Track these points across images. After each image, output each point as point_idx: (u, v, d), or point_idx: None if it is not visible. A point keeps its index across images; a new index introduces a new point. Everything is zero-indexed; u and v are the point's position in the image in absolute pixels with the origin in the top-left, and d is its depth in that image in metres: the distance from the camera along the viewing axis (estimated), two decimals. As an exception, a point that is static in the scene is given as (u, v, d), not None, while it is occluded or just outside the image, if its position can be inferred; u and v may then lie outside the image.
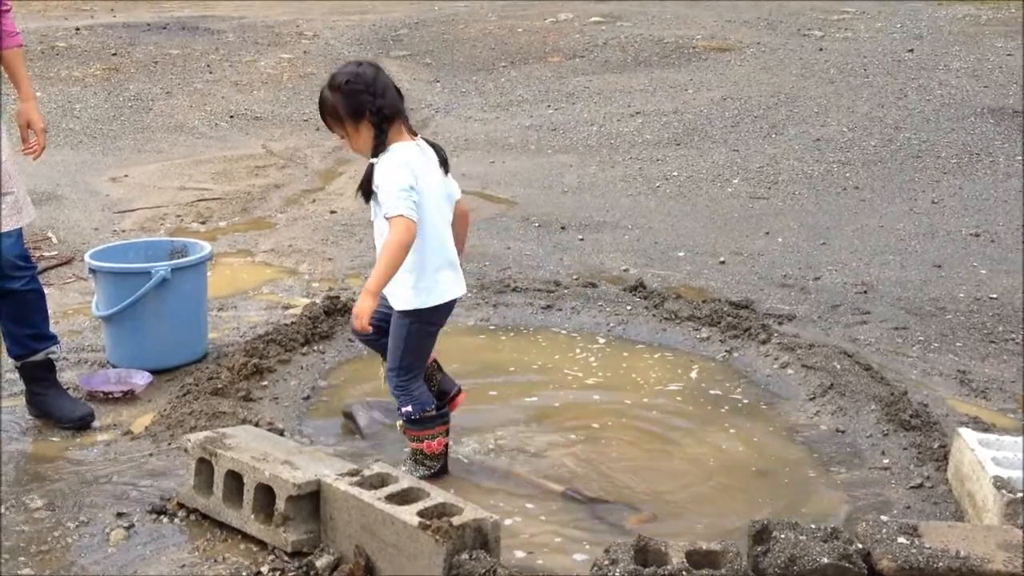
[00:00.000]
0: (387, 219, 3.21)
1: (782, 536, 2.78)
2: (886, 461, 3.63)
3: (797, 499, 3.45)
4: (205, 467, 3.22)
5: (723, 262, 5.91)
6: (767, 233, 6.45)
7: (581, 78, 11.13)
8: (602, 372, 4.45)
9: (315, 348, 4.54)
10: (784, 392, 4.25)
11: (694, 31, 13.01)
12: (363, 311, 3.18)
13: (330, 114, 3.37)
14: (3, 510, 3.26)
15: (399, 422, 3.54)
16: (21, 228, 3.79)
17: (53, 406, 3.88)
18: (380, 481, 3.02)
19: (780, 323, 4.92)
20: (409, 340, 3.42)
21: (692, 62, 11.59)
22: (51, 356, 3.96)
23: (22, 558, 3.02)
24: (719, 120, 9.29)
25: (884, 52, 11.39)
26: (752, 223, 6.68)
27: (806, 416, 4.04)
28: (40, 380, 3.90)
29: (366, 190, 3.32)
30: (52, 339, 3.94)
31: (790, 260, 5.94)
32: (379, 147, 3.31)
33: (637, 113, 9.67)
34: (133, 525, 3.18)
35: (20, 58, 3.94)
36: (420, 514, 2.82)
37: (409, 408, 3.44)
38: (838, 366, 4.29)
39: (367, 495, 2.92)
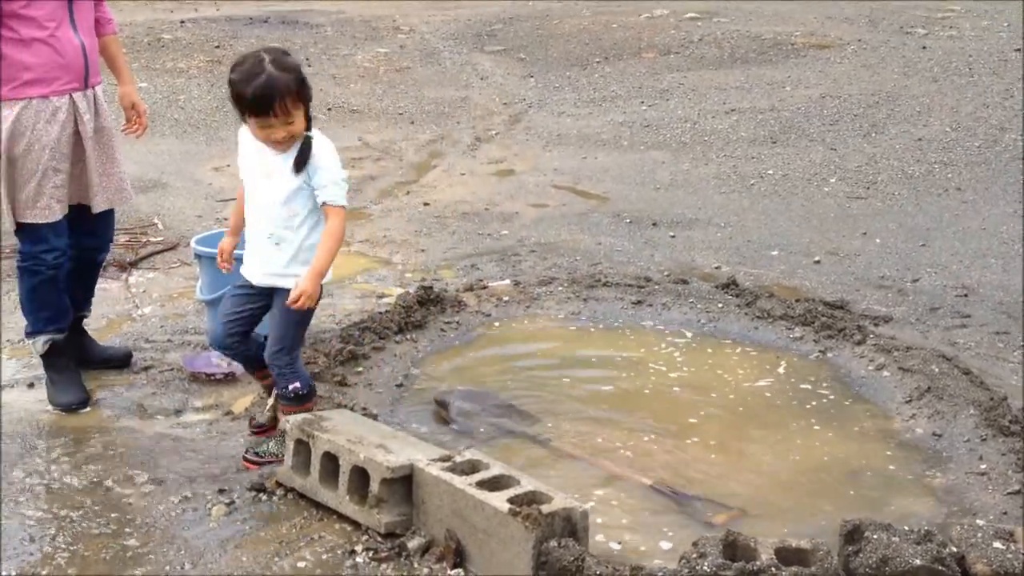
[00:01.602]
0: (331, 205, 3.37)
1: (874, 537, 2.76)
2: (983, 466, 3.56)
3: (890, 501, 3.41)
4: (303, 448, 3.31)
5: (818, 262, 5.84)
6: (864, 233, 6.34)
7: (675, 74, 11.07)
8: (688, 367, 4.44)
9: (408, 336, 4.62)
10: (879, 394, 4.19)
11: (792, 27, 12.81)
12: (316, 292, 3.31)
13: (290, 96, 3.25)
14: (110, 483, 3.40)
15: (274, 402, 3.61)
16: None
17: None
18: (471, 467, 3.07)
19: (876, 324, 4.84)
20: (305, 319, 3.49)
21: (790, 59, 11.42)
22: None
23: (128, 529, 3.15)
24: (817, 118, 9.15)
25: (990, 51, 11.07)
26: (849, 223, 6.57)
27: (901, 419, 3.98)
28: (79, 331, 4.25)
29: (301, 164, 3.35)
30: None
31: (888, 261, 5.84)
32: (310, 124, 3.37)
33: (732, 110, 9.57)
34: (234, 502, 3.29)
35: (117, 44, 4.24)
36: (510, 501, 2.86)
37: (298, 384, 3.47)
38: (936, 369, 4.21)
39: (459, 480, 2.97)
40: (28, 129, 3.75)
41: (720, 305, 5.04)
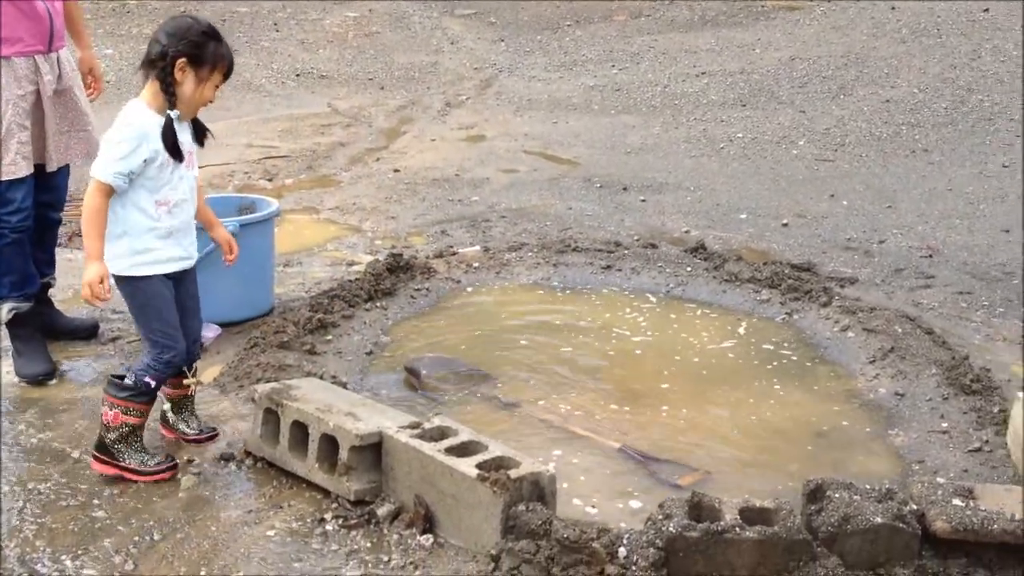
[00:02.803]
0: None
1: (836, 495, 2.80)
2: (945, 425, 3.61)
3: (852, 460, 3.46)
4: (271, 417, 3.32)
5: (786, 224, 5.88)
6: (832, 196, 6.39)
7: (646, 37, 11.05)
8: (655, 330, 4.47)
9: (378, 304, 4.62)
10: (844, 355, 4.24)
11: (763, -11, 12.79)
12: None
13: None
14: (77, 455, 3.39)
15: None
16: (68, 167, 4.16)
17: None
18: (440, 434, 3.08)
19: (842, 286, 4.89)
20: None
21: (760, 21, 11.42)
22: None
23: (96, 501, 3.15)
24: (786, 80, 9.17)
25: (958, 11, 11.10)
26: (817, 185, 6.62)
27: (865, 379, 4.03)
28: (46, 301, 4.24)
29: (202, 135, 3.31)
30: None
31: (855, 223, 5.89)
32: None
33: (703, 73, 9.58)
34: (202, 472, 3.30)
35: (79, 10, 4.31)
36: (479, 466, 2.88)
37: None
38: (899, 330, 4.26)
39: (427, 447, 2.99)
40: None
41: (689, 269, 5.06)
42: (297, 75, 9.98)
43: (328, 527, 3.00)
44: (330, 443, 3.15)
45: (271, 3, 12.69)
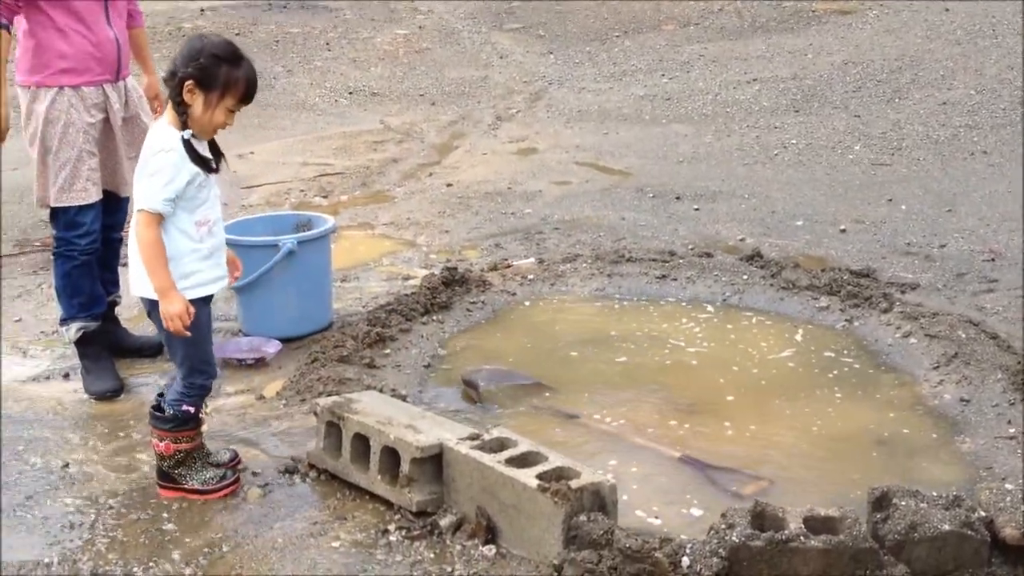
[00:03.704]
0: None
1: (902, 503, 2.77)
2: (1012, 430, 3.55)
3: (918, 468, 3.41)
4: (333, 430, 3.36)
5: (844, 230, 5.82)
6: (890, 200, 6.31)
7: (696, 46, 11.01)
8: (714, 340, 4.45)
9: (434, 318, 4.65)
10: (906, 361, 4.18)
11: (813, -6, 12.70)
12: None
13: None
14: (146, 469, 3.46)
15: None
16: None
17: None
18: (500, 445, 3.10)
19: (903, 292, 4.83)
20: None
21: (811, 26, 11.33)
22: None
23: (165, 514, 3.21)
24: (840, 85, 9.09)
25: (1014, 11, 10.91)
26: (874, 190, 6.54)
27: (929, 386, 3.97)
28: (112, 319, 4.35)
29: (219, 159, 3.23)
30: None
31: (914, 228, 5.82)
32: None
33: (754, 80, 9.53)
34: (268, 484, 3.35)
35: (145, 36, 4.40)
36: (539, 477, 2.89)
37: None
38: (963, 335, 4.20)
39: (487, 458, 3.01)
40: (63, 114, 3.87)
41: (745, 277, 5.04)
42: (350, 93, 10.09)
43: (392, 538, 3.03)
44: (391, 455, 3.18)
45: (323, 23, 12.85)
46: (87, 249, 4.01)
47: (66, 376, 4.23)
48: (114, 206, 4.17)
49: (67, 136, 3.89)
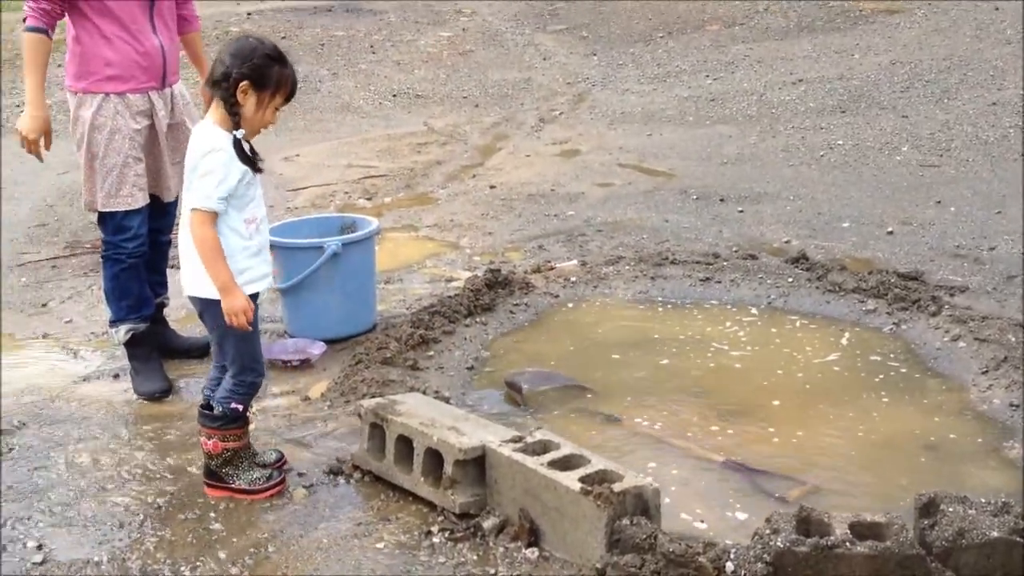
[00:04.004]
0: None
1: (950, 509, 2.73)
2: (1064, 437, 3.50)
3: (966, 474, 3.37)
4: (377, 432, 3.38)
5: (891, 232, 5.76)
6: (938, 202, 6.23)
7: (741, 46, 10.94)
8: (758, 342, 4.42)
9: (477, 320, 4.67)
10: (955, 366, 4.13)
11: (860, -6, 12.57)
12: None
13: None
14: (193, 469, 3.50)
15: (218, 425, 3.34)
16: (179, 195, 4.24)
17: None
18: (542, 448, 3.10)
19: (952, 295, 4.77)
20: None
21: (858, 25, 11.22)
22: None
23: (212, 514, 3.25)
24: (887, 85, 8.99)
25: (1068, 9, 10.76)
26: (922, 192, 6.46)
27: (978, 390, 3.92)
28: (161, 321, 4.40)
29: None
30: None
31: (963, 230, 5.74)
32: None
33: (800, 80, 9.45)
34: (313, 484, 3.38)
35: (200, 40, 4.42)
36: (582, 480, 2.89)
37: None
38: (1013, 339, 4.14)
39: (530, 461, 3.01)
40: (108, 121, 3.92)
41: (790, 280, 5.00)
42: (394, 95, 10.15)
43: (435, 539, 3.05)
44: (435, 457, 3.19)
45: (367, 26, 12.94)
46: (135, 252, 4.07)
47: (116, 377, 4.30)
48: (160, 211, 4.22)
49: (113, 142, 3.94)
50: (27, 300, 5.26)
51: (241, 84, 3.09)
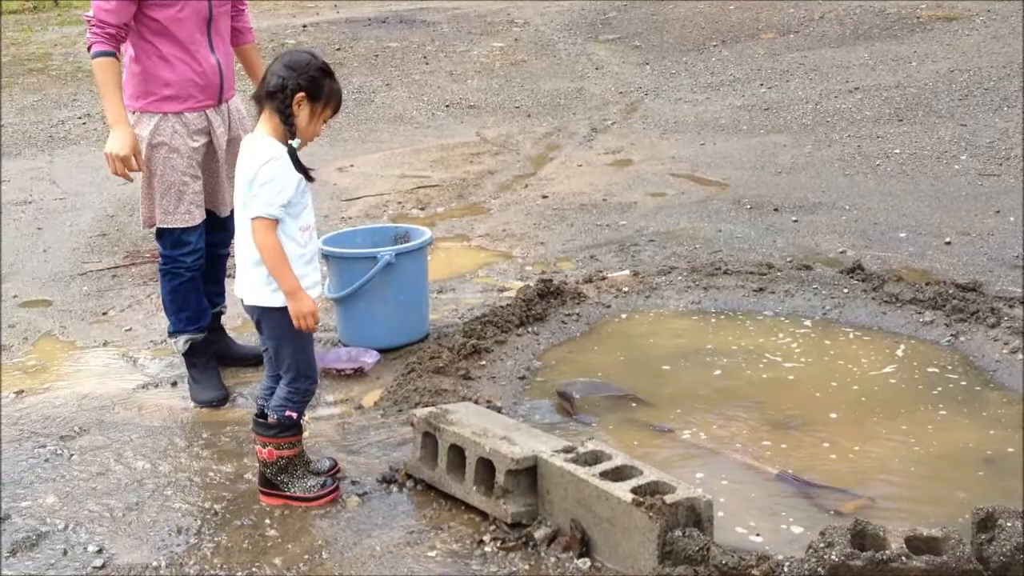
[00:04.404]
0: None
1: (1008, 524, 2.69)
2: None
3: (1027, 489, 3.31)
4: (430, 441, 3.40)
5: (949, 243, 5.67)
6: (998, 212, 6.13)
7: (796, 54, 10.86)
8: (813, 354, 4.38)
9: (529, 329, 4.68)
10: (1015, 379, 4.06)
11: (918, 0, 12.42)
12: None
13: None
14: (249, 476, 3.56)
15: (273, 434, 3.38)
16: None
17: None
18: (594, 458, 3.11)
19: (1011, 306, 4.68)
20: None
21: (916, 33, 11.08)
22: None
23: (267, 520, 3.29)
24: (945, 93, 8.86)
25: None
26: (981, 201, 6.36)
27: (1038, 403, 3.85)
28: (218, 329, 4.46)
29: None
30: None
31: (1023, 240, 5.64)
32: None
33: (856, 89, 9.35)
34: (366, 492, 3.41)
35: (256, 52, 4.46)
36: (634, 491, 2.89)
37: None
38: (1075, 351, 4.06)
39: (582, 471, 3.02)
40: (166, 140, 3.97)
41: (846, 290, 4.95)
42: (447, 106, 10.21)
43: (487, 549, 3.06)
44: (487, 466, 3.21)
45: (421, 37, 13.04)
46: (193, 266, 4.13)
47: (174, 384, 4.38)
48: (217, 225, 4.27)
49: (170, 161, 3.98)
50: (88, 309, 5.38)
51: (297, 95, 3.15)
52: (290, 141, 3.18)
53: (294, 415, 3.35)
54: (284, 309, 3.23)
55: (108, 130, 3.94)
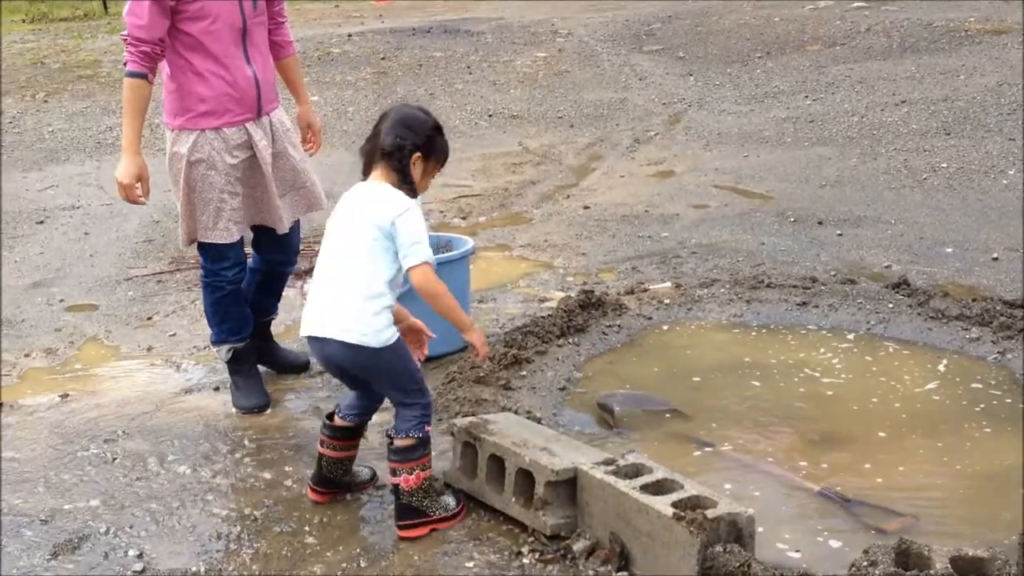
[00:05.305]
0: None
1: (1058, 548, 2.64)
2: None
3: (1077, 511, 3.24)
4: (469, 451, 3.40)
5: (996, 258, 5.59)
6: (1047, 227, 6.04)
7: (841, 67, 10.77)
8: (858, 370, 4.32)
9: (570, 340, 4.67)
10: (1064, 397, 3.99)
11: (966, 13, 12.28)
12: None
13: None
14: (289, 483, 3.57)
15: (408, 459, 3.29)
16: (298, 222, 4.33)
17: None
18: (634, 471, 3.08)
19: (1060, 324, 4.60)
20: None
21: (964, 46, 10.95)
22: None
23: (307, 528, 3.31)
24: (994, 107, 8.74)
25: None
26: (1030, 217, 6.26)
27: (1089, 424, 3.77)
28: (265, 336, 4.50)
29: None
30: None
31: (1073, 256, 5.54)
32: None
33: (903, 102, 9.25)
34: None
35: (297, 65, 4.42)
36: (674, 505, 2.87)
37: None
38: None
39: (622, 484, 3.00)
40: (204, 157, 3.94)
41: (891, 305, 4.89)
42: (489, 115, 10.24)
43: (525, 560, 3.05)
44: (526, 477, 3.20)
45: (464, 47, 13.09)
46: (234, 280, 4.13)
47: (216, 389, 4.42)
48: (276, 242, 4.23)
49: (208, 178, 3.94)
50: (133, 313, 5.44)
51: (414, 155, 3.23)
52: (415, 199, 3.24)
53: (429, 428, 3.29)
54: (392, 346, 3.20)
55: (153, 137, 3.97)
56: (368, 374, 3.29)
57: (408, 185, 3.22)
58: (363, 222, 3.20)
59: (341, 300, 3.20)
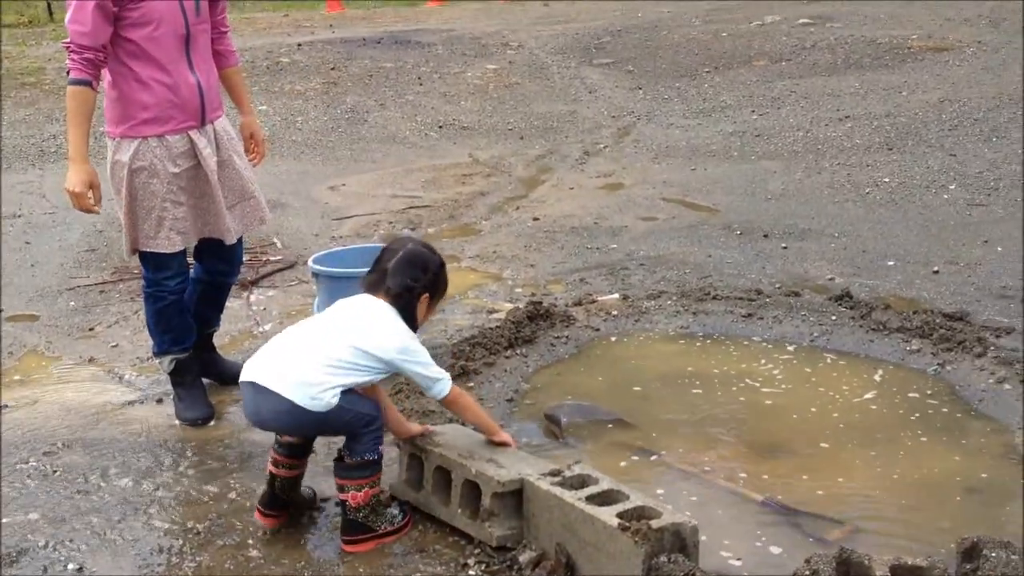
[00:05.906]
0: None
1: (993, 555, 2.69)
2: (1112, 484, 3.43)
3: (1010, 519, 3.31)
4: (416, 462, 3.39)
5: (937, 272, 5.70)
6: (985, 241, 6.16)
7: (787, 82, 10.93)
8: (798, 381, 4.38)
9: (518, 352, 4.68)
10: (1000, 409, 4.07)
11: (909, 30, 12.53)
12: None
13: None
14: (233, 495, 3.53)
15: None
16: (241, 237, 4.28)
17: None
18: (580, 482, 3.10)
19: (998, 336, 4.70)
20: None
21: (907, 63, 11.17)
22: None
23: (250, 541, 3.28)
24: (935, 123, 8.92)
25: (1121, 47, 10.64)
26: (970, 231, 6.40)
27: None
28: (208, 348, 4.46)
29: None
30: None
31: (1010, 270, 5.66)
32: None
33: (846, 117, 9.41)
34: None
35: (239, 75, 4.38)
36: (620, 516, 2.88)
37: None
38: (1061, 382, 4.07)
39: (568, 495, 3.01)
40: (146, 165, 3.88)
41: (834, 318, 4.96)
42: (440, 127, 10.24)
43: (471, 572, 3.05)
44: (472, 489, 3.20)
45: (415, 58, 13.08)
46: (176, 290, 4.07)
47: (159, 401, 4.36)
48: (219, 253, 4.18)
49: (150, 186, 3.88)
50: (75, 324, 5.36)
51: (423, 296, 3.28)
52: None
53: (382, 447, 3.26)
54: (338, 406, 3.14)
55: (98, 146, 3.92)
56: (322, 432, 3.32)
57: (411, 322, 3.28)
58: (360, 336, 3.18)
59: (301, 362, 3.15)
